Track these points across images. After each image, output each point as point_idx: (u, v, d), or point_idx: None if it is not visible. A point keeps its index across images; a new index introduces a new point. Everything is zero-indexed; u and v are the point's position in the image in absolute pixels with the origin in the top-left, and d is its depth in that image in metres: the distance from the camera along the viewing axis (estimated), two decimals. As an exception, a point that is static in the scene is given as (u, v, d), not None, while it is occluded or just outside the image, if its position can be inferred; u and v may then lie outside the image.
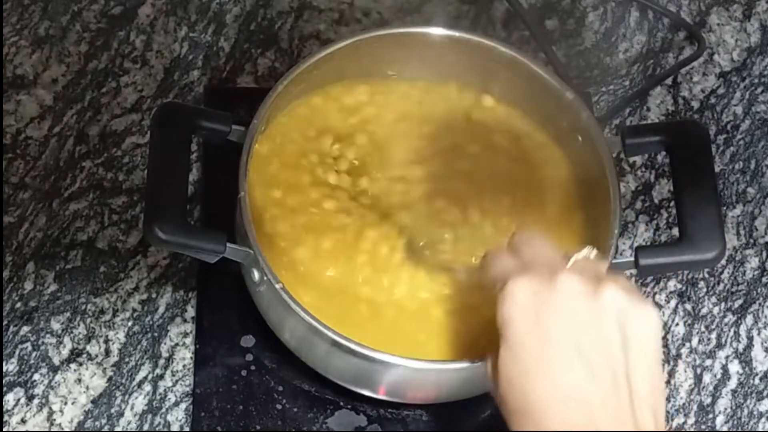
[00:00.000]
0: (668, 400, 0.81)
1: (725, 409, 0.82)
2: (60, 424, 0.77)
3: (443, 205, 0.77)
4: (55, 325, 0.80)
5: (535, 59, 0.81)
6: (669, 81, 0.94)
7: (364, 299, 0.74)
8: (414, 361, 0.70)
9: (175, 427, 0.78)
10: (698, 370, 0.83)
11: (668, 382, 0.82)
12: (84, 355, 0.79)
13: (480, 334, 0.70)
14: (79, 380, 0.79)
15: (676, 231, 0.76)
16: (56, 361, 0.79)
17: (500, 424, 0.79)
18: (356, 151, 0.79)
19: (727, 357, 0.84)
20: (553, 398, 0.57)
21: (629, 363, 0.58)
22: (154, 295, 0.82)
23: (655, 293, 0.85)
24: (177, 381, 0.79)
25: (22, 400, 0.78)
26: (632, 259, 0.73)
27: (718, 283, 0.86)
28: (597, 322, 0.59)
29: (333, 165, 0.78)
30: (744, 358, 0.84)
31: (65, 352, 0.79)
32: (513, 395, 0.59)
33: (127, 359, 0.79)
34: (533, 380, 0.58)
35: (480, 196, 0.78)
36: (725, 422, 0.81)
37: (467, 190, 0.78)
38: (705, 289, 0.86)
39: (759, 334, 0.85)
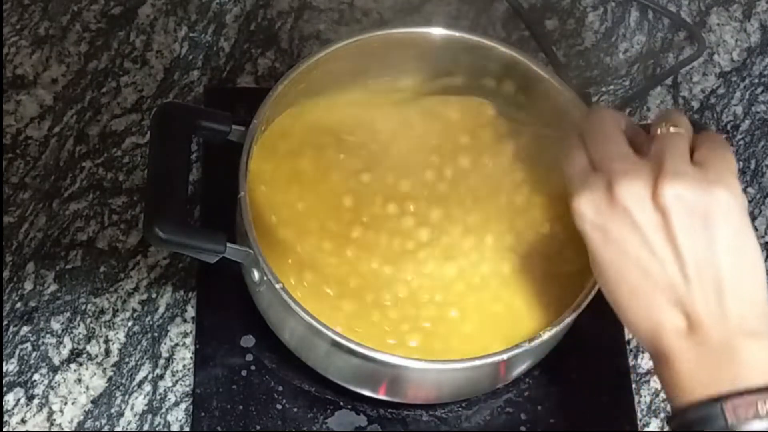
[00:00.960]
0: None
1: (725, 409, 0.82)
2: (60, 424, 0.77)
3: (444, 202, 0.77)
4: (55, 325, 0.80)
5: (535, 59, 0.81)
6: (669, 81, 0.94)
7: (365, 297, 0.74)
8: (414, 361, 0.70)
9: (175, 427, 0.78)
10: (698, 370, 0.83)
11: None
12: (84, 355, 0.79)
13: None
14: (79, 380, 0.79)
15: (676, 231, 0.76)
16: (56, 361, 0.79)
17: (500, 424, 0.79)
18: (356, 150, 0.79)
19: (727, 357, 0.84)
20: (633, 302, 0.62)
21: (711, 255, 0.60)
22: (154, 295, 0.82)
23: (655, 293, 0.85)
24: (177, 381, 0.79)
25: (22, 400, 0.78)
26: None
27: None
28: (663, 224, 0.60)
29: (333, 164, 0.78)
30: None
31: (65, 352, 0.79)
32: (609, 301, 0.64)
33: (127, 359, 0.79)
34: (616, 289, 0.63)
35: (480, 196, 0.78)
36: (725, 422, 0.81)
37: (467, 190, 0.78)
38: (705, 289, 0.86)
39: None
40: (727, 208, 0.61)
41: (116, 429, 0.77)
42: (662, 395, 0.81)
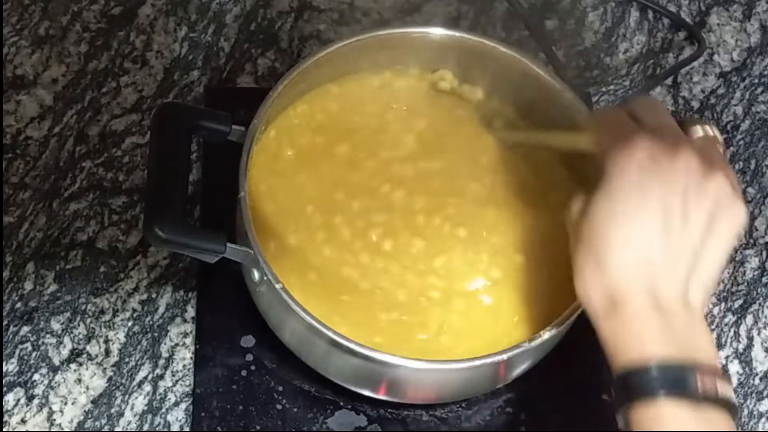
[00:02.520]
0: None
1: (725, 409, 0.82)
2: (60, 424, 0.77)
3: (449, 200, 0.77)
4: (55, 325, 0.80)
5: (535, 59, 0.81)
6: (669, 81, 0.94)
7: (366, 296, 0.74)
8: (414, 361, 0.70)
9: (175, 427, 0.78)
10: (698, 370, 0.83)
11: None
12: (84, 355, 0.79)
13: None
14: (79, 380, 0.79)
15: (676, 231, 0.76)
16: (56, 361, 0.79)
17: (500, 424, 0.79)
18: (357, 149, 0.79)
19: (727, 357, 0.84)
20: (625, 246, 0.63)
21: (704, 249, 0.63)
22: (154, 295, 0.82)
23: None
24: (177, 381, 0.79)
25: (22, 400, 0.78)
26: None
27: (718, 284, 0.86)
28: (695, 203, 0.63)
29: (334, 164, 0.78)
30: (744, 358, 0.84)
31: (65, 352, 0.79)
32: (590, 237, 0.64)
33: (127, 359, 0.79)
34: (616, 226, 0.63)
35: (479, 196, 0.78)
36: (725, 422, 0.81)
37: (467, 190, 0.78)
38: (705, 289, 0.86)
39: (759, 334, 0.85)
40: (740, 219, 0.65)
41: (116, 429, 0.77)
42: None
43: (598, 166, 0.66)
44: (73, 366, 0.79)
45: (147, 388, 0.79)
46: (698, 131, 0.68)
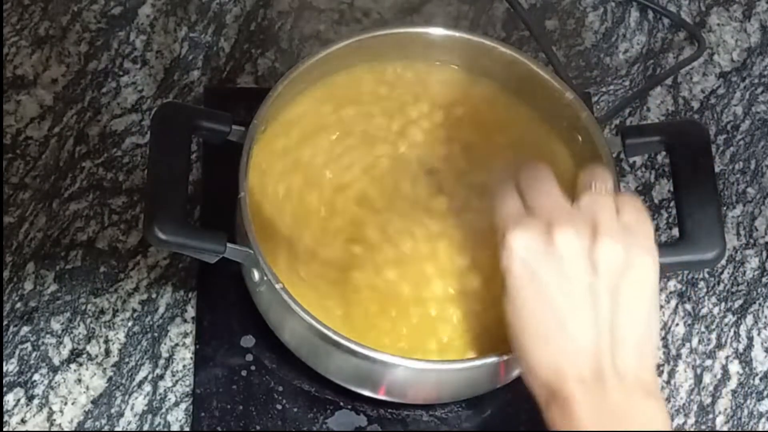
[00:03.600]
0: (668, 400, 0.81)
1: (725, 409, 0.82)
2: (60, 425, 0.77)
3: (445, 204, 0.77)
4: (55, 325, 0.80)
5: (535, 59, 0.81)
6: (669, 81, 0.94)
7: (366, 296, 0.74)
8: (414, 361, 0.70)
9: (175, 427, 0.78)
10: (698, 371, 0.83)
11: (668, 382, 0.82)
12: (84, 356, 0.79)
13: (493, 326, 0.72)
14: (79, 380, 0.79)
15: (676, 231, 0.76)
16: (56, 361, 0.79)
17: (500, 424, 0.79)
18: (357, 149, 0.79)
19: (727, 357, 0.84)
20: (537, 343, 0.64)
21: (616, 315, 0.63)
22: (154, 296, 0.82)
23: (655, 293, 0.85)
24: (177, 381, 0.79)
25: (22, 401, 0.78)
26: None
27: (718, 284, 0.86)
28: (590, 281, 0.63)
29: (334, 163, 0.78)
30: (744, 358, 0.84)
31: (65, 352, 0.79)
32: (512, 338, 0.65)
33: (127, 359, 0.79)
34: (527, 329, 0.64)
35: (479, 196, 0.78)
36: (725, 422, 0.81)
37: (467, 190, 0.78)
38: (705, 289, 0.86)
39: (759, 334, 0.85)
40: (647, 273, 0.64)
41: (116, 429, 0.77)
42: (662, 395, 0.81)
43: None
44: (73, 366, 0.79)
45: (147, 388, 0.79)
46: (586, 188, 0.66)
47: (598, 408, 0.62)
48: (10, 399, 0.78)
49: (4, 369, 0.78)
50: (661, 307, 0.85)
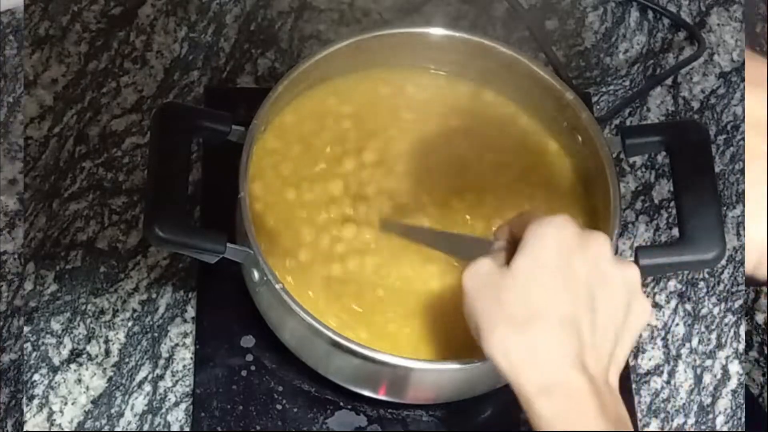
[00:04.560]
0: (668, 400, 0.81)
1: (725, 409, 0.82)
2: (60, 425, 0.77)
3: (445, 204, 0.77)
4: (55, 326, 0.80)
5: (535, 59, 0.81)
6: (669, 81, 0.94)
7: (367, 297, 0.74)
8: (414, 361, 0.70)
9: (175, 427, 0.78)
10: (698, 371, 0.83)
11: (668, 382, 0.82)
12: (84, 356, 0.79)
13: None
14: (79, 380, 0.79)
15: (676, 231, 0.76)
16: (56, 361, 0.79)
17: (500, 424, 0.79)
18: (356, 149, 0.79)
19: (727, 357, 0.84)
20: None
21: (625, 330, 0.64)
22: (154, 296, 0.82)
23: (655, 293, 0.85)
24: (177, 381, 0.79)
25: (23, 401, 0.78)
26: (632, 259, 0.73)
27: (718, 283, 0.86)
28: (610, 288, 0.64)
29: (334, 163, 0.78)
30: (744, 358, 0.84)
31: (65, 352, 0.79)
32: (510, 305, 0.64)
33: (127, 359, 0.79)
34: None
35: (478, 195, 0.78)
36: (725, 422, 0.81)
37: (467, 190, 0.78)
38: (705, 289, 0.86)
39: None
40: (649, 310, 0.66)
41: (116, 429, 0.77)
42: (662, 395, 0.81)
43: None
44: (73, 366, 0.79)
45: (147, 388, 0.79)
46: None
47: (601, 408, 0.61)
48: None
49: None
50: (661, 307, 0.85)
